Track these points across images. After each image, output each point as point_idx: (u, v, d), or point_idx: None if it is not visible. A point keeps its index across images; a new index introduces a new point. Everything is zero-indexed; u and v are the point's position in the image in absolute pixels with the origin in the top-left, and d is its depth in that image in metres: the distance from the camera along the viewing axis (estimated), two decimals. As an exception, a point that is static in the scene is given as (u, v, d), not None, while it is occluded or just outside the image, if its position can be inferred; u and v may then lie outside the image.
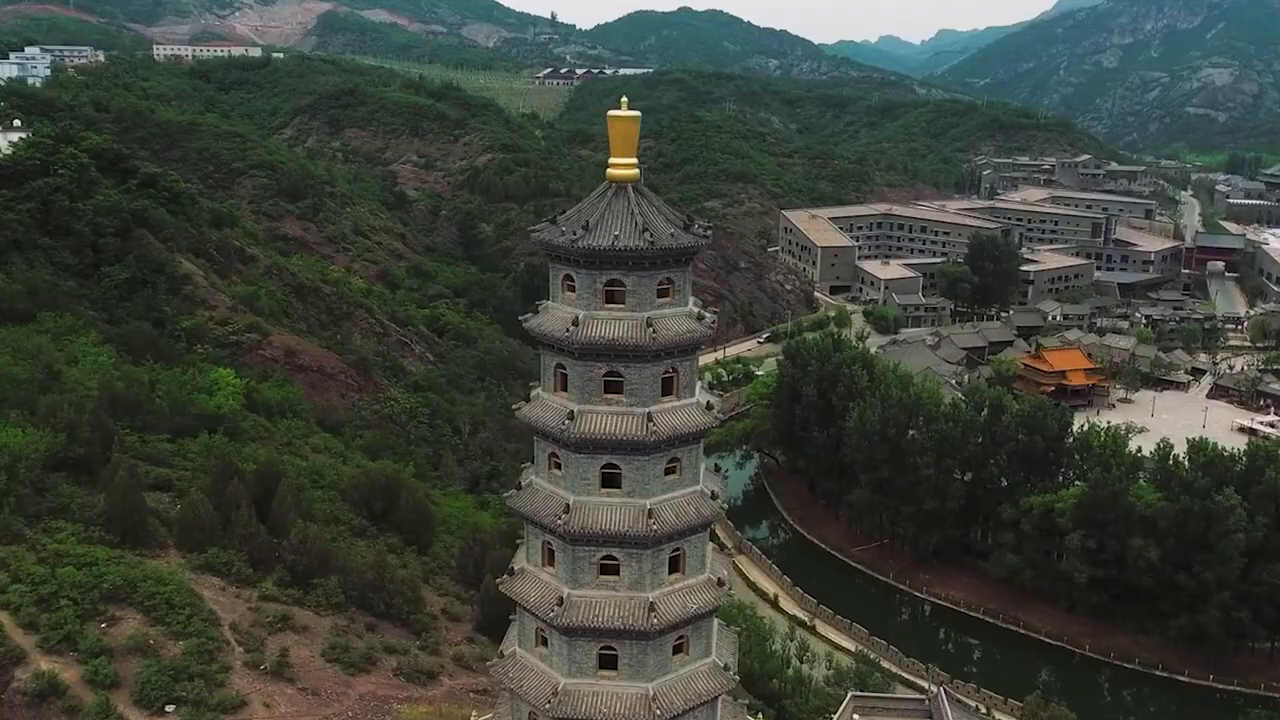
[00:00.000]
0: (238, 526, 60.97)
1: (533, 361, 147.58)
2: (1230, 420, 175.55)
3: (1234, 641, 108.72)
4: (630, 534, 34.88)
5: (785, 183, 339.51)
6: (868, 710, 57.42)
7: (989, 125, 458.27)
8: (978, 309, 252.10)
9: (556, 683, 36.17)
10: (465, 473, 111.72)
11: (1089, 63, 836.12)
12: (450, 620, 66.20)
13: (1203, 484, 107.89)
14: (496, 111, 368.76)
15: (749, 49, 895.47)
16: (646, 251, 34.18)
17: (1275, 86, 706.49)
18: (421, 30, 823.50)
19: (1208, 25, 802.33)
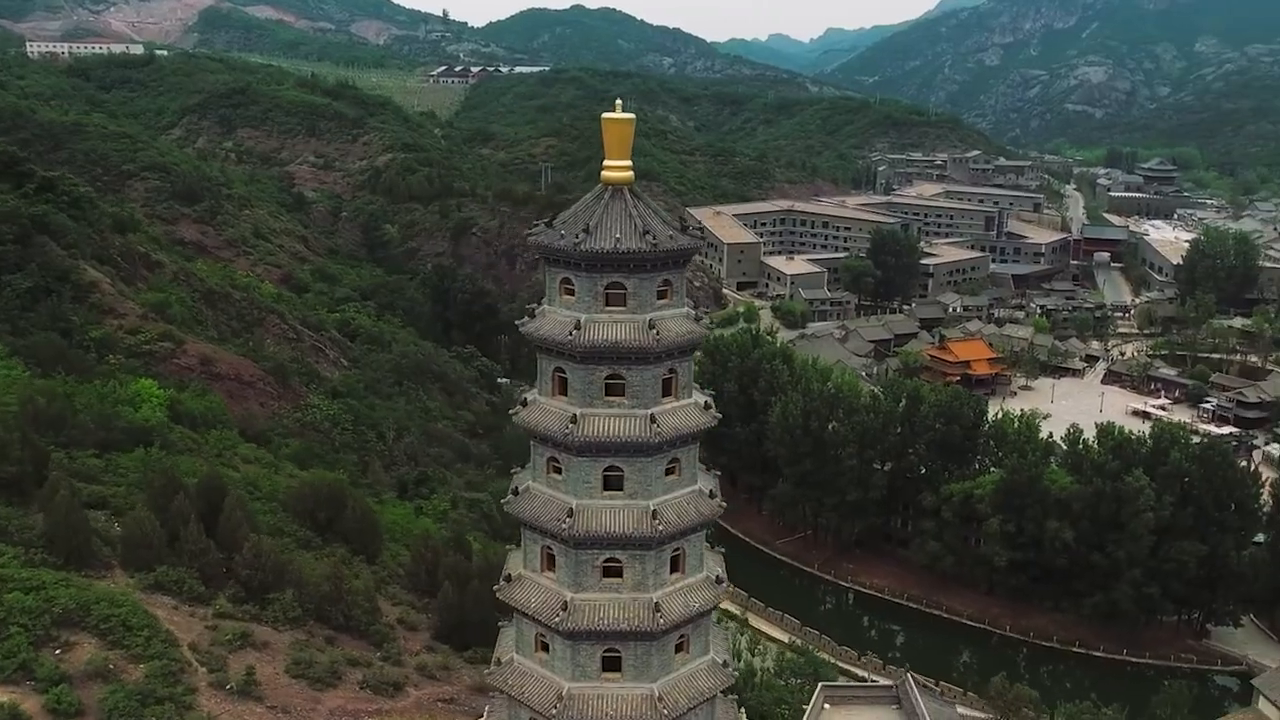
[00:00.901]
0: (186, 543, 59.01)
1: (449, 364, 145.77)
2: (1125, 404, 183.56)
3: (1144, 616, 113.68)
4: (635, 536, 35.03)
5: (688, 180, 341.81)
6: (838, 700, 58.60)
7: (882, 122, 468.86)
8: (881, 302, 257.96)
9: (561, 687, 36.11)
10: (392, 479, 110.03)
11: (972, 61, 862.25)
12: (408, 630, 65.24)
13: (1113, 466, 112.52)
14: (395, 110, 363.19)
15: (643, 47, 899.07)
16: (649, 254, 34.37)
17: (1146, 84, 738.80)
18: (309, 27, 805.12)
19: (1082, 25, 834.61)
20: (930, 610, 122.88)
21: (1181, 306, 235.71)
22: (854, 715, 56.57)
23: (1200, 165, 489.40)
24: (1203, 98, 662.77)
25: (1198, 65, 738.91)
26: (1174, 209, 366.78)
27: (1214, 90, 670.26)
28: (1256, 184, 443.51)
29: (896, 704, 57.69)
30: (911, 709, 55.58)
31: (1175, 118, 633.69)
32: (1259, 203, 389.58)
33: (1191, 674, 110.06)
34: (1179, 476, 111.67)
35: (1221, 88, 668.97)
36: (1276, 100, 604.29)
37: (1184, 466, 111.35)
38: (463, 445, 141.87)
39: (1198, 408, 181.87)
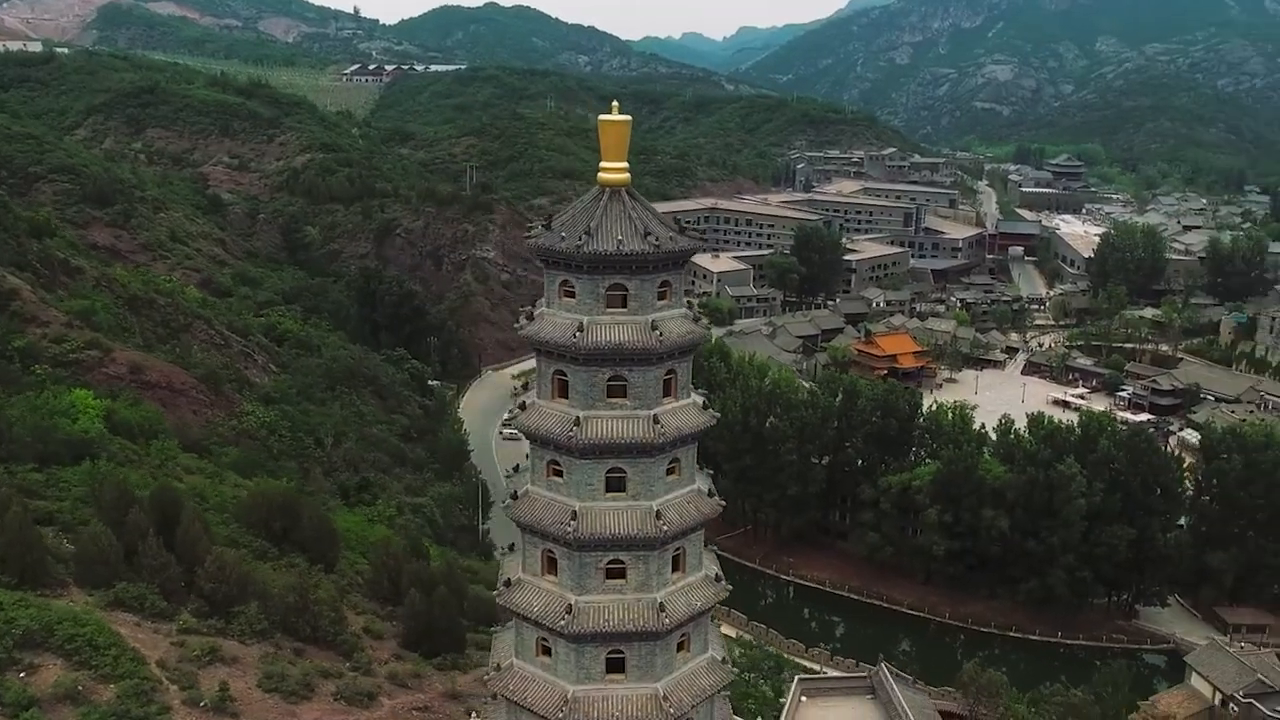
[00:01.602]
0: (145, 558, 57.28)
1: (379, 368, 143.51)
2: (1045, 394, 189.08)
3: (1077, 600, 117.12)
4: (640, 537, 35.10)
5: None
6: (814, 693, 59.37)
7: (800, 120, 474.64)
8: (806, 298, 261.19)
9: (565, 691, 36.01)
10: (334, 486, 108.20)
11: (883, 59, 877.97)
12: (374, 639, 64.25)
13: (1045, 455, 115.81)
14: (310, 110, 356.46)
15: (558, 45, 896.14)
16: (651, 255, 34.44)
17: (1050, 82, 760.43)
18: (214, 24, 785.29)
19: (988, 25, 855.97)
20: (870, 601, 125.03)
21: (1094, 298, 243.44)
22: (831, 707, 57.48)
23: (1104, 161, 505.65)
24: (1104, 95, 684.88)
25: (1099, 64, 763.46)
26: (1082, 204, 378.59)
27: (1115, 88, 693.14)
28: (1158, 179, 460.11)
29: (871, 694, 58.75)
30: (887, 698, 56.68)
31: (1079, 115, 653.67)
32: (1161, 197, 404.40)
33: (1122, 653, 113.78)
34: (1107, 463, 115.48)
35: (1122, 86, 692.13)
36: (1174, 98, 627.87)
37: (1112, 453, 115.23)
38: (399, 450, 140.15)
39: (1114, 396, 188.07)
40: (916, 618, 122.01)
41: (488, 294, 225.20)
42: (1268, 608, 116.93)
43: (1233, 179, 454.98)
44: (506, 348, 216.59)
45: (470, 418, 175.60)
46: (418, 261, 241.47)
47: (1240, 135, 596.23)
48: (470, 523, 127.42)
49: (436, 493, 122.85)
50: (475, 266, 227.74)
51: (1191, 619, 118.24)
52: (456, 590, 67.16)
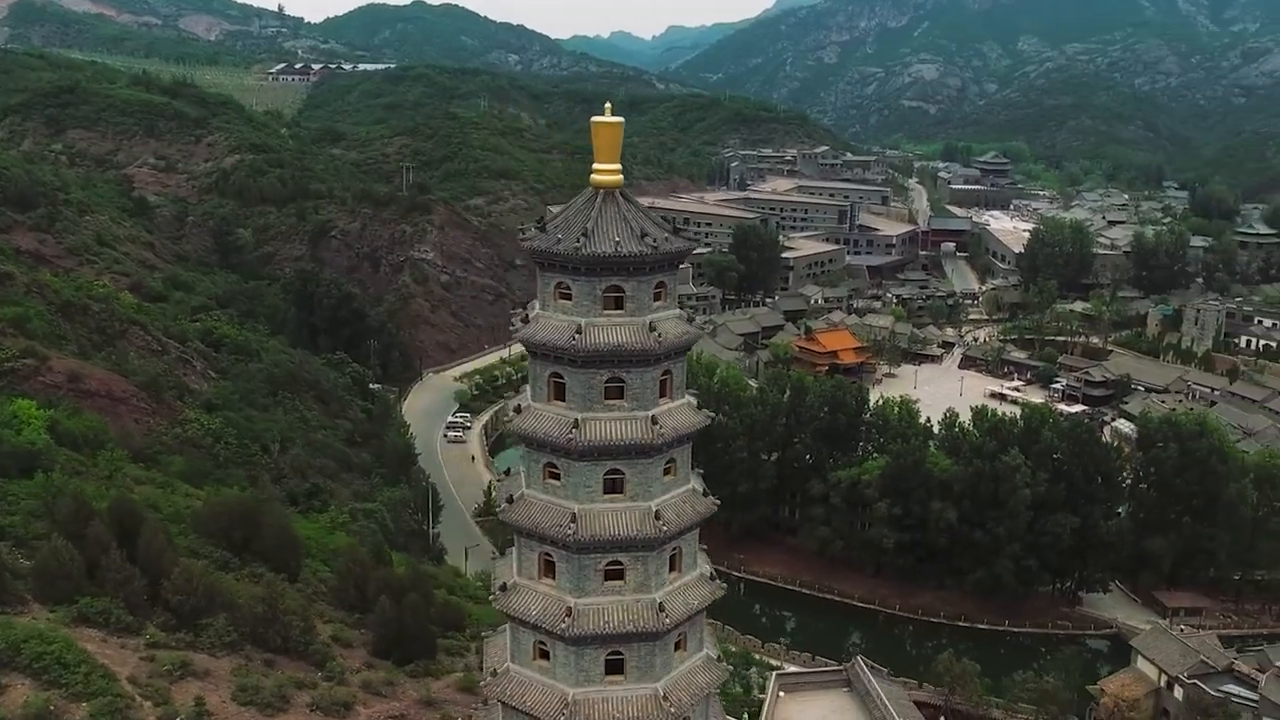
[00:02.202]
0: (108, 571, 55.68)
1: (321, 372, 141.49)
2: (982, 387, 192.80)
3: (1024, 588, 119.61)
4: (639, 538, 35.12)
5: (547, 178, 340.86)
6: (791, 688, 59.85)
7: (733, 119, 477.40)
8: (744, 296, 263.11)
9: (565, 694, 35.88)
10: (283, 493, 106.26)
11: (812, 59, 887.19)
12: (343, 647, 63.16)
13: (990, 447, 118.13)
14: (238, 110, 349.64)
15: (487, 44, 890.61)
16: (649, 256, 34.44)
17: (975, 81, 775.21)
18: (132, 21, 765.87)
19: (914, 24, 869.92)
20: (822, 595, 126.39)
21: (1025, 293, 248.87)
22: (809, 701, 58.03)
23: (1029, 158, 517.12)
24: (1027, 94, 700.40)
25: (1021, 63, 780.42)
26: (1010, 200, 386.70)
27: (1037, 87, 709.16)
28: (1081, 175, 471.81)
29: (847, 686, 59.47)
30: (864, 690, 57.38)
31: (1004, 113, 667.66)
32: (1085, 193, 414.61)
33: (1066, 639, 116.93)
34: (1050, 454, 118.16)
35: (1044, 85, 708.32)
36: (1094, 97, 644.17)
37: (1055, 444, 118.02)
38: (344, 455, 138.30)
39: (1049, 388, 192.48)
40: (867, 610, 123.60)
41: (427, 295, 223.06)
42: (1204, 591, 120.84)
43: (1151, 175, 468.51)
44: (447, 349, 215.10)
45: (413, 420, 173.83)
46: (355, 263, 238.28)
47: (1157, 132, 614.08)
48: (420, 527, 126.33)
49: (386, 498, 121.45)
50: (414, 268, 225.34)
51: (1132, 604, 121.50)
52: (425, 596, 66.48)
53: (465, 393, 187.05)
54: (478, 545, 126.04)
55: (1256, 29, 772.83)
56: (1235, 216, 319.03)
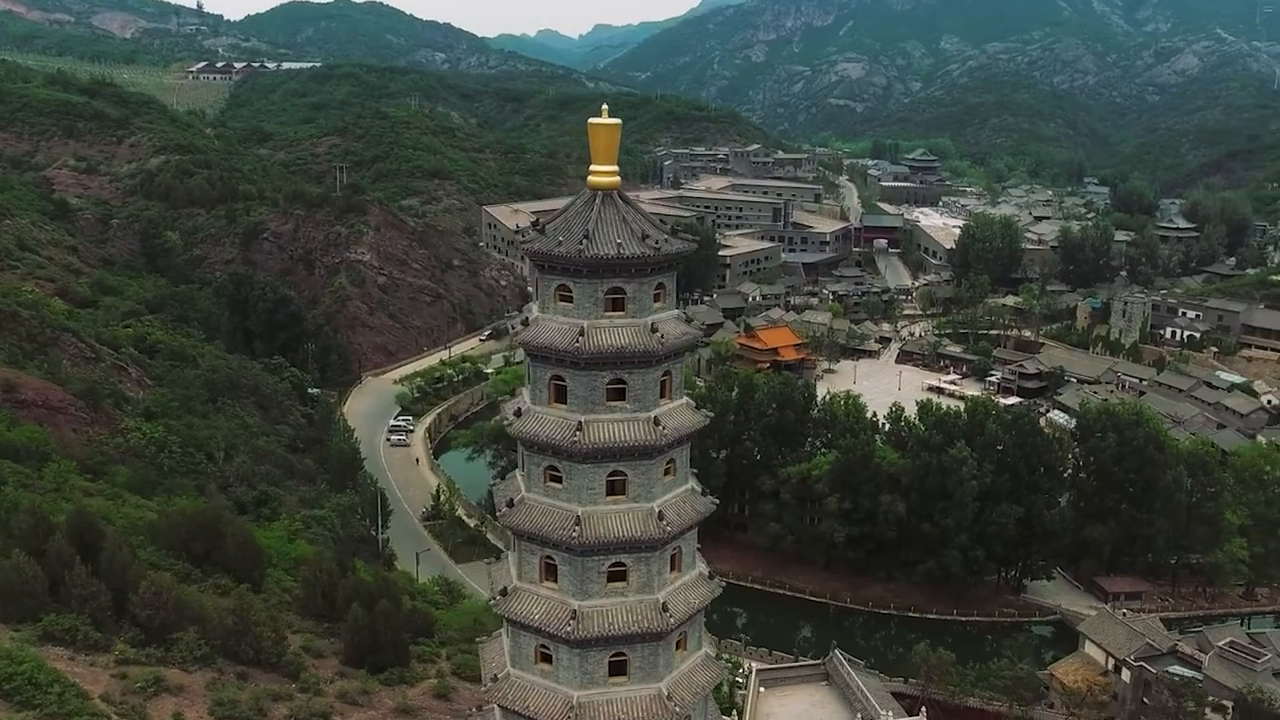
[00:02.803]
0: (74, 587, 53.95)
1: (259, 377, 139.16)
2: (920, 381, 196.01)
3: (971, 578, 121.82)
4: (643, 539, 35.11)
5: (481, 178, 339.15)
6: (771, 683, 60.22)
7: (665, 117, 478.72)
8: (682, 294, 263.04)
9: (569, 697, 35.73)
10: (231, 502, 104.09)
11: (739, 57, 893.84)
12: (315, 658, 62.00)
13: (936, 440, 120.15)
14: (161, 109, 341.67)
15: (414, 42, 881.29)
16: (651, 258, 34.43)
17: (900, 80, 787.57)
18: (43, 18, 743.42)
19: (839, 23, 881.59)
20: (773, 590, 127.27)
21: (958, 288, 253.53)
22: (789, 695, 58.50)
23: (954, 155, 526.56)
24: (951, 92, 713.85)
25: (944, 62, 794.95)
26: (938, 197, 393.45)
27: (960, 85, 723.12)
28: (1005, 172, 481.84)
29: (826, 680, 60.04)
30: (844, 683, 58.05)
31: (929, 111, 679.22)
32: (1010, 189, 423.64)
33: (1012, 626, 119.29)
34: (995, 445, 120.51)
35: (967, 83, 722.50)
36: (1015, 95, 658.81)
37: (999, 436, 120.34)
38: (287, 461, 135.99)
39: (984, 381, 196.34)
40: (818, 604, 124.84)
41: (364, 298, 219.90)
42: (1142, 576, 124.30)
43: (1072, 171, 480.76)
44: (386, 352, 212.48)
45: (354, 424, 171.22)
46: (289, 266, 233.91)
47: (1077, 130, 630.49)
48: (369, 533, 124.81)
49: (334, 504, 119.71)
50: (350, 270, 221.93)
51: (1074, 590, 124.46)
52: (394, 603, 65.57)
53: (406, 395, 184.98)
54: (428, 550, 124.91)
55: (1168, 29, 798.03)
56: (1155, 211, 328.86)
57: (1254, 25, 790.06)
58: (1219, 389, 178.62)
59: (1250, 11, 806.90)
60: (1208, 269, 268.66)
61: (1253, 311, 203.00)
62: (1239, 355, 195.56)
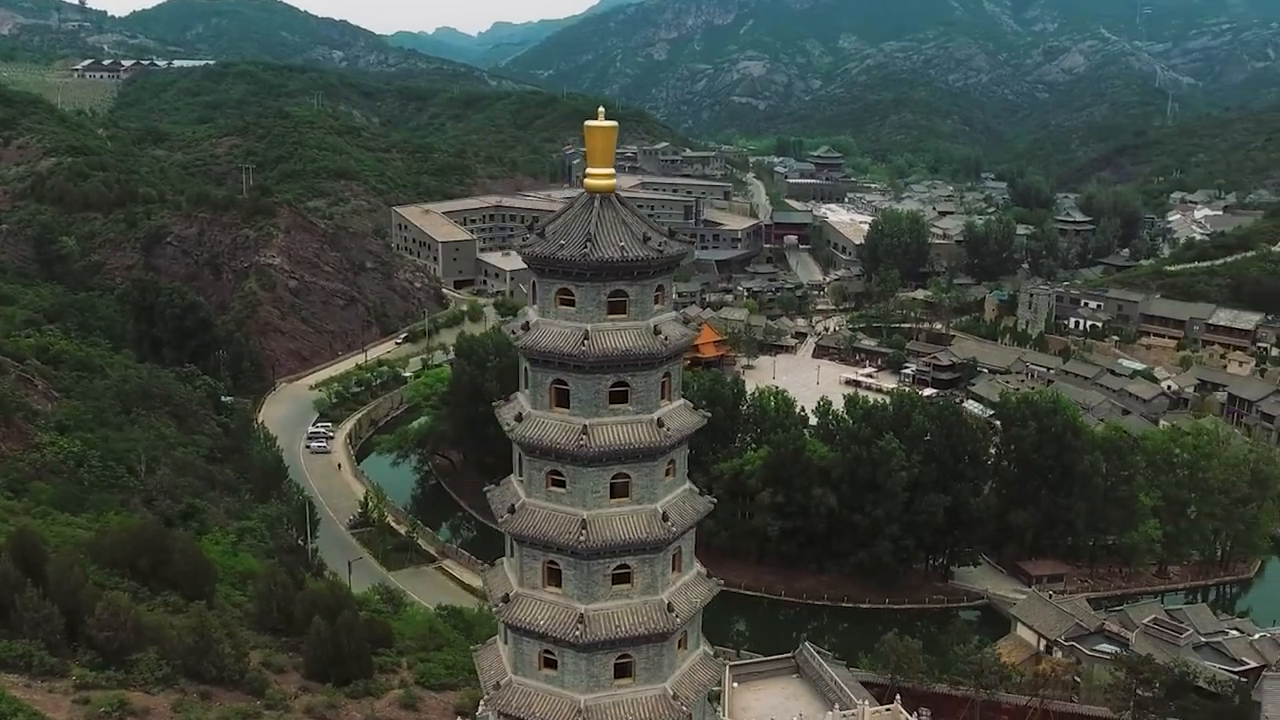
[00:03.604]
0: (26, 611, 51.49)
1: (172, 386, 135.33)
2: (837, 375, 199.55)
3: (901, 566, 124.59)
4: (649, 540, 35.18)
5: (389, 178, 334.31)
6: (744, 678, 60.66)
7: (571, 115, 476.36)
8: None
9: (576, 701, 35.59)
10: (158, 516, 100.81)
11: (642, 55, 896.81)
12: (276, 673, 60.38)
13: (865, 433, 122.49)
14: (49, 109, 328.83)
15: (309, 40, 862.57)
16: (655, 260, 34.47)
17: (800, 78, 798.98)
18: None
19: (740, 22, 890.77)
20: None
21: (868, 282, 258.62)
22: (762, 690, 59.04)
23: (856, 152, 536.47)
24: (851, 90, 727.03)
25: (843, 60, 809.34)
26: (844, 193, 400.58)
27: (859, 83, 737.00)
28: (907, 168, 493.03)
29: (796, 672, 60.79)
30: (816, 675, 58.82)
31: (830, 109, 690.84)
32: (913, 185, 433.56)
33: (941, 612, 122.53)
34: (921, 436, 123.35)
35: (865, 81, 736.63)
36: (913, 92, 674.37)
37: (926, 427, 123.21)
38: (207, 472, 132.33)
39: (899, 373, 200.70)
40: (752, 597, 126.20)
41: (276, 302, 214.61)
42: (1063, 558, 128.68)
43: (970, 166, 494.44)
44: (300, 357, 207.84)
45: (271, 432, 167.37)
46: (194, 271, 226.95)
47: (972, 126, 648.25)
48: (298, 543, 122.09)
49: (262, 514, 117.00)
50: (260, 274, 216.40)
51: (999, 575, 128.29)
52: (354, 613, 64.28)
53: (324, 401, 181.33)
54: (360, 559, 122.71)
55: (1055, 29, 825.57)
56: (1052, 205, 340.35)
57: (1135, 26, 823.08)
58: (1122, 376, 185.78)
59: (1131, 12, 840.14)
60: (1104, 260, 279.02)
61: (1150, 301, 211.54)
62: (1139, 343, 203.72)
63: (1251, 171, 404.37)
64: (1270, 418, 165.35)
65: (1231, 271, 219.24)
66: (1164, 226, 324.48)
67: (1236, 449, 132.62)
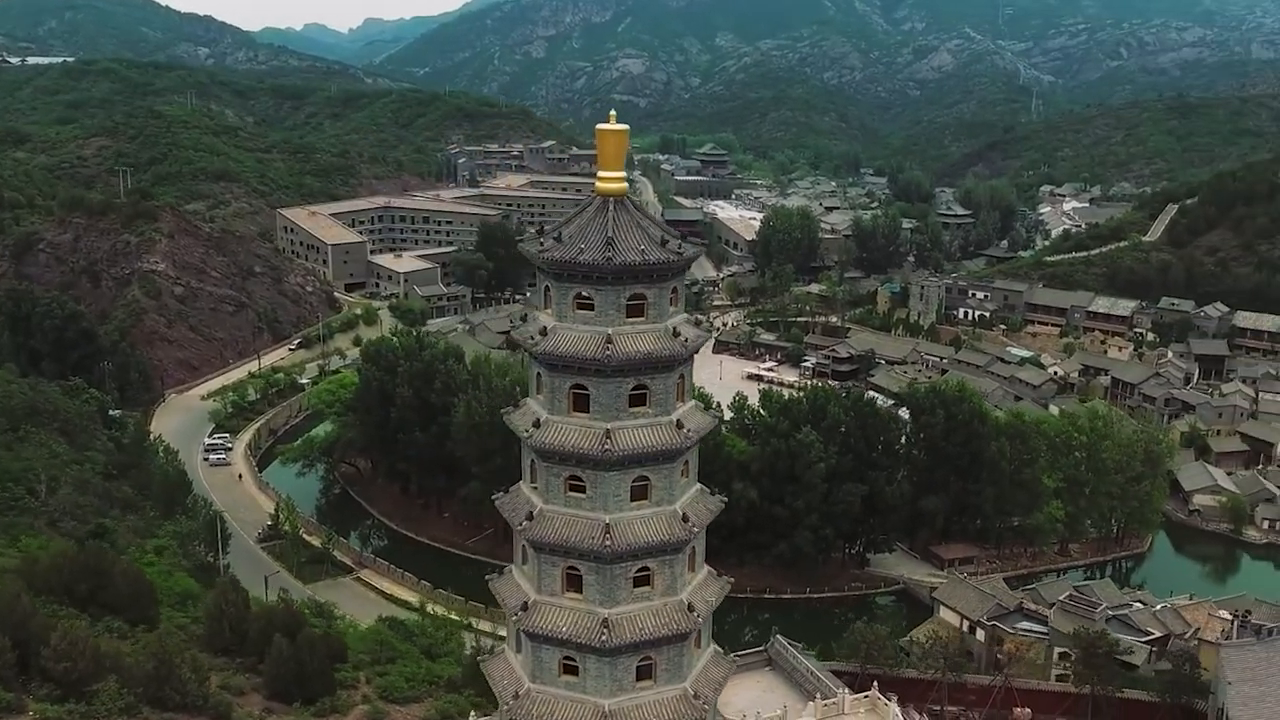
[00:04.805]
0: (-27, 646, 48.38)
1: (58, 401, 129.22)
2: (739, 369, 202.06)
3: (821, 556, 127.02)
4: (671, 541, 35.23)
5: (270, 180, 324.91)
6: (719, 675, 60.88)
7: (455, 114, 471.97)
8: (494, 294, 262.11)
9: (600, 706, 35.38)
10: (65, 537, 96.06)
11: (520, 53, 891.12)
12: (237, 695, 58.08)
13: (783, 427, 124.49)
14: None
15: (173, 36, 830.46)
16: (674, 263, 34.46)
17: (680, 76, 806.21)
18: None
19: (617, 20, 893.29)
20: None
21: (762, 278, 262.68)
22: (738, 684, 59.22)
23: (738, 149, 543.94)
24: (730, 87, 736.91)
25: (721, 58, 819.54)
26: (731, 190, 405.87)
27: (738, 81, 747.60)
28: (789, 165, 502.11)
29: (769, 665, 61.42)
30: (790, 666, 59.60)
31: (710, 106, 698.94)
32: (797, 181, 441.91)
33: (860, 599, 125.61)
34: (837, 427, 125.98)
35: (744, 79, 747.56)
36: (790, 90, 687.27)
37: (841, 419, 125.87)
38: (105, 490, 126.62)
39: (800, 367, 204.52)
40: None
41: (162, 310, 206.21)
42: (973, 541, 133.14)
43: (850, 163, 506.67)
44: (189, 367, 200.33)
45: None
46: (71, 279, 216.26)
47: (849, 123, 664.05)
48: (209, 559, 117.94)
49: (171, 531, 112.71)
50: (144, 281, 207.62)
51: (913, 560, 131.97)
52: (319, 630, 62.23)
53: (220, 411, 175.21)
54: (276, 572, 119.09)
55: (923, 28, 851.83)
56: (932, 199, 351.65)
57: (998, 26, 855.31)
58: (1011, 363, 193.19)
59: (994, 13, 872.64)
60: (985, 252, 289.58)
61: (1033, 290, 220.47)
62: (1024, 331, 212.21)
63: (1113, 165, 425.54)
64: (1151, 399, 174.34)
65: (1106, 261, 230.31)
66: (1036, 219, 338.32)
67: (1129, 430, 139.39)
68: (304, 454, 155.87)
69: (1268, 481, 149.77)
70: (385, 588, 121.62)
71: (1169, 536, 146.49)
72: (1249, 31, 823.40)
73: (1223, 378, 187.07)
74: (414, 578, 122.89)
